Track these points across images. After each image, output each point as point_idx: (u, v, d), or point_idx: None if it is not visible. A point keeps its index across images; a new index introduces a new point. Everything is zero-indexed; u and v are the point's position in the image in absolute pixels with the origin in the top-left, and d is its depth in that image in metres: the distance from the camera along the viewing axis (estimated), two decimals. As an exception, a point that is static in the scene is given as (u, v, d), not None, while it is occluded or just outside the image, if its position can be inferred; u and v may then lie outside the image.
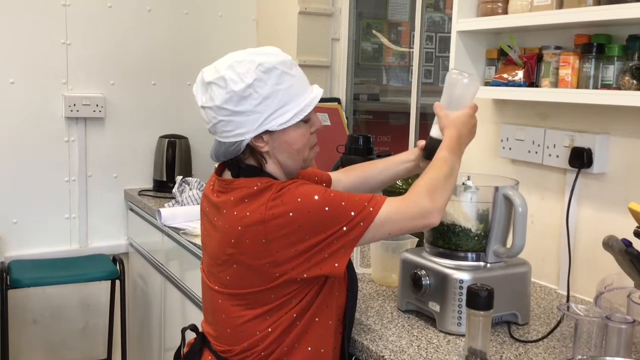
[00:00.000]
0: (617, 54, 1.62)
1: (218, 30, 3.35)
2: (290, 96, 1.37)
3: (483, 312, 1.32)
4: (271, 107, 1.35)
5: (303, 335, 1.38)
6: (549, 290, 1.88)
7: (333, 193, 1.34)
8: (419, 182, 1.38)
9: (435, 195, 1.35)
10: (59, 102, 3.02)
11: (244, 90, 1.34)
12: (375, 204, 1.33)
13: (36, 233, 3.03)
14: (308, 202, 1.31)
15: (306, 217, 1.30)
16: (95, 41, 3.07)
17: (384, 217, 1.32)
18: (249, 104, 1.35)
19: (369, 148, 2.45)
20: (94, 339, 3.21)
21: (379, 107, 3.50)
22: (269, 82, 1.35)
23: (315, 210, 1.30)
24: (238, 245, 1.35)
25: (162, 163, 3.16)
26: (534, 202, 1.87)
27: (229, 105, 1.35)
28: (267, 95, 1.35)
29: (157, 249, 2.86)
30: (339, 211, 1.31)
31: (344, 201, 1.32)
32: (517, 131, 1.97)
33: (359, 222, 1.31)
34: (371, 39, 3.48)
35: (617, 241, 1.27)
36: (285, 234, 1.30)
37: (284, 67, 1.37)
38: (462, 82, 1.51)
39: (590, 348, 1.32)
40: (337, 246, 1.31)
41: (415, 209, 1.34)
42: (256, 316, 1.38)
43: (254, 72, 1.34)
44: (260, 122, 1.36)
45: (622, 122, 1.72)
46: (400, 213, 1.34)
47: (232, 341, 1.42)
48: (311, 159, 1.48)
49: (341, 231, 1.30)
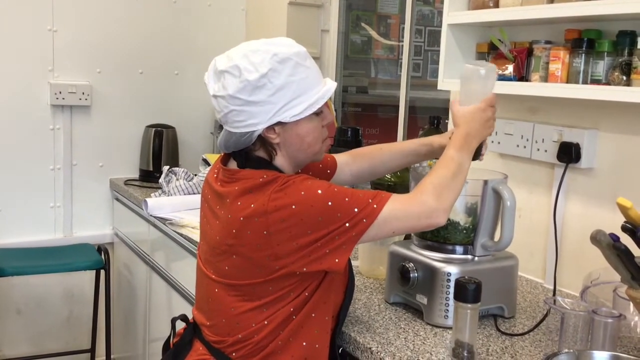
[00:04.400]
0: (607, 49, 1.63)
1: (207, 20, 3.32)
2: (304, 88, 1.35)
3: (470, 305, 1.33)
4: (285, 98, 1.33)
5: (299, 329, 1.37)
6: (535, 284, 1.89)
7: (337, 188, 1.33)
8: (425, 181, 1.36)
9: (442, 195, 1.33)
10: (45, 89, 2.98)
11: (258, 80, 1.32)
12: (379, 201, 1.31)
13: (20, 221, 3.00)
14: (311, 196, 1.30)
15: (309, 211, 1.28)
16: (82, 28, 3.03)
17: (388, 215, 1.31)
18: (262, 94, 1.32)
19: (358, 140, 2.45)
20: (78, 329, 3.19)
21: (368, 100, 3.49)
22: (283, 73, 1.33)
23: (318, 205, 1.29)
24: (239, 237, 1.34)
25: (148, 153, 3.13)
26: (522, 196, 1.88)
27: (243, 95, 1.33)
28: (281, 86, 1.33)
29: (142, 239, 2.84)
30: (342, 206, 1.29)
31: (347, 197, 1.31)
32: (506, 125, 1.97)
33: (362, 218, 1.29)
34: (360, 31, 3.47)
35: (605, 236, 1.28)
36: (287, 227, 1.29)
37: (299, 58, 1.35)
38: (478, 74, 1.44)
39: (576, 342, 1.33)
40: (339, 242, 1.30)
41: (421, 207, 1.33)
42: (253, 308, 1.36)
43: (269, 62, 1.32)
44: (273, 113, 1.34)
45: (611, 117, 1.73)
46: (405, 211, 1.33)
47: (226, 331, 1.40)
48: (322, 153, 1.47)
49: (344, 227, 1.29)
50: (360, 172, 1.73)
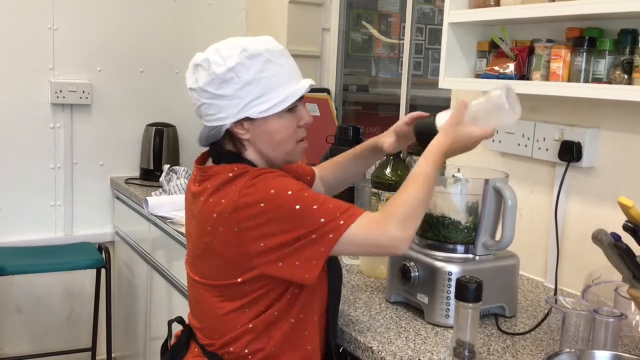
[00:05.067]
0: (608, 48, 1.62)
1: (207, 18, 3.32)
2: (273, 85, 1.35)
3: (472, 304, 1.32)
4: (252, 94, 1.34)
5: (288, 333, 1.37)
6: (537, 283, 1.89)
7: (308, 193, 1.30)
8: (397, 202, 1.31)
9: (407, 224, 1.29)
10: (45, 88, 2.98)
11: (225, 73, 1.33)
12: (348, 217, 1.28)
13: (21, 220, 3.00)
14: (280, 196, 1.28)
15: (277, 211, 1.27)
16: (82, 27, 3.03)
17: (352, 236, 1.27)
18: (230, 88, 1.34)
19: (359, 139, 2.45)
20: (78, 328, 3.19)
21: (368, 99, 3.49)
22: (252, 68, 1.33)
23: (286, 206, 1.27)
24: (213, 234, 1.34)
25: (149, 151, 3.13)
26: (523, 195, 1.87)
27: (211, 88, 1.35)
28: (249, 81, 1.33)
29: (143, 238, 2.83)
30: (310, 214, 1.27)
31: (317, 204, 1.28)
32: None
33: (329, 232, 1.26)
34: (361, 29, 3.46)
35: (607, 235, 1.28)
36: (256, 225, 1.28)
37: (270, 55, 1.35)
38: (504, 109, 1.35)
39: (578, 341, 1.32)
40: (309, 255, 1.27)
41: (383, 236, 1.28)
42: (235, 309, 1.36)
43: (238, 56, 1.33)
44: (240, 108, 1.35)
45: (613, 116, 1.72)
46: (367, 237, 1.29)
47: (215, 334, 1.40)
48: (297, 153, 1.45)
49: (310, 238, 1.26)
50: (329, 182, 1.74)
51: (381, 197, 2.17)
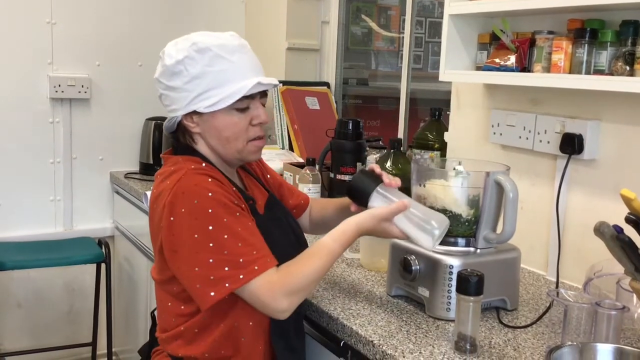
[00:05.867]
0: (610, 39, 1.61)
1: (206, 12, 3.30)
2: (221, 80, 1.35)
3: (473, 297, 1.32)
4: (200, 88, 1.35)
5: (220, 340, 1.39)
6: (538, 276, 1.88)
7: (241, 228, 1.30)
8: (296, 273, 1.32)
9: (297, 297, 1.32)
10: (44, 82, 2.97)
11: (174, 65, 1.36)
12: (262, 265, 1.30)
13: (20, 215, 3.00)
14: (200, 211, 1.29)
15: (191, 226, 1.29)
16: (80, 21, 3.02)
17: (252, 288, 1.29)
18: (179, 81, 1.37)
19: (359, 133, 2.44)
20: (79, 322, 3.19)
21: (368, 92, 3.48)
22: (200, 62, 1.35)
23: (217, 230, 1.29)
24: (150, 220, 1.41)
25: (148, 146, 3.12)
26: (524, 188, 1.86)
27: (163, 79, 1.39)
28: (197, 75, 1.35)
29: (143, 232, 2.83)
30: (233, 247, 1.29)
31: (240, 242, 1.30)
32: (508, 117, 1.96)
33: (239, 274, 1.28)
34: (360, 23, 3.45)
35: (609, 227, 1.27)
36: (172, 232, 1.32)
37: (222, 50, 1.36)
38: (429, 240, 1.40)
39: (579, 334, 1.32)
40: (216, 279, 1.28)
41: (272, 304, 1.30)
42: (173, 301, 1.41)
43: (187, 49, 1.36)
44: (188, 101, 1.37)
45: (614, 108, 1.71)
46: (260, 296, 1.30)
47: (161, 326, 1.48)
48: (250, 152, 1.45)
49: (223, 271, 1.28)
50: (314, 217, 1.74)
51: (381, 190, 2.17)
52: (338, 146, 2.40)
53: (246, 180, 1.57)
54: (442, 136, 2.26)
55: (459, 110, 2.20)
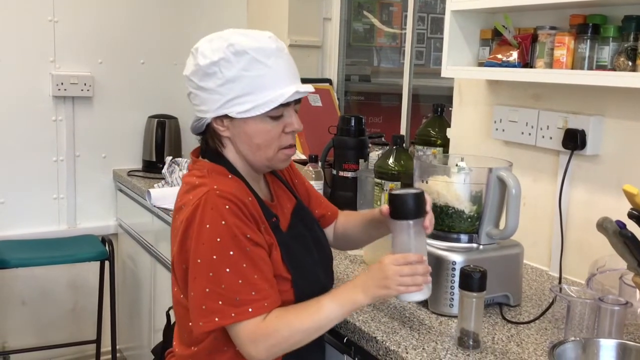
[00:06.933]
0: (612, 34, 1.61)
1: (208, 8, 3.30)
2: (257, 86, 1.28)
3: (476, 293, 1.32)
4: (233, 92, 1.29)
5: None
6: (541, 272, 1.88)
7: (246, 264, 1.25)
8: (287, 327, 1.25)
9: (278, 350, 1.27)
10: (47, 80, 2.97)
11: (208, 66, 1.29)
12: (257, 308, 1.24)
13: (24, 213, 3.00)
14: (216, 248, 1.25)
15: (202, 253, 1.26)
16: (82, 18, 3.02)
17: (240, 331, 1.24)
18: (212, 82, 1.30)
19: (361, 129, 2.44)
20: (83, 320, 3.19)
21: (371, 89, 3.48)
22: (236, 66, 1.28)
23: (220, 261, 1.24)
24: (173, 221, 1.38)
25: (151, 143, 3.13)
26: (526, 184, 1.86)
27: (195, 78, 1.33)
28: (232, 79, 1.28)
29: (146, 230, 2.83)
30: (232, 283, 1.24)
31: (240, 278, 1.24)
32: (510, 112, 1.96)
33: (231, 312, 1.24)
34: (362, 19, 3.45)
35: (611, 223, 1.27)
36: (186, 252, 1.30)
37: (259, 54, 1.28)
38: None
39: (582, 330, 1.32)
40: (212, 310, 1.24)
41: (251, 350, 1.25)
42: (184, 305, 1.36)
43: (223, 51, 1.28)
44: (220, 104, 1.30)
45: (617, 103, 1.71)
46: (243, 337, 1.25)
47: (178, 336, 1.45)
48: (280, 161, 1.39)
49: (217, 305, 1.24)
50: (338, 230, 1.63)
51: (384, 187, 2.17)
52: (340, 143, 2.40)
53: (273, 185, 1.51)
54: (444, 132, 2.26)
55: (462, 107, 2.20)
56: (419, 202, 1.32)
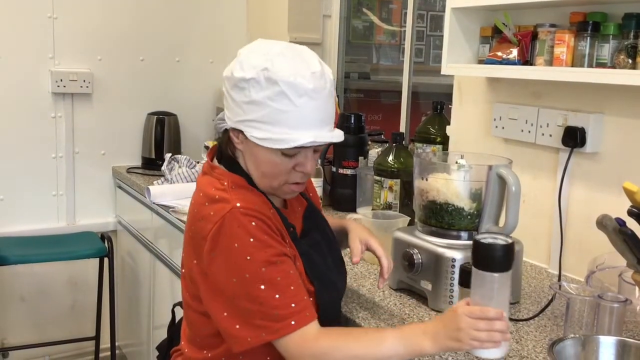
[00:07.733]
0: (612, 32, 1.61)
1: (207, 5, 3.29)
2: (276, 120, 1.23)
3: (476, 290, 1.32)
4: (254, 114, 1.25)
5: None
6: (540, 269, 1.89)
7: (280, 277, 1.22)
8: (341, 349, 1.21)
9: None
10: (46, 77, 2.97)
11: (239, 80, 1.25)
12: (299, 319, 1.21)
13: (23, 210, 3.00)
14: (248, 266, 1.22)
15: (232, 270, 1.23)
16: (82, 15, 3.01)
17: (285, 340, 1.21)
18: (239, 96, 1.26)
19: (361, 126, 2.44)
20: (82, 317, 3.19)
21: (370, 86, 3.48)
22: (264, 91, 1.23)
23: (253, 279, 1.21)
24: (189, 230, 1.34)
25: (150, 140, 3.13)
26: (526, 181, 1.86)
27: (227, 84, 1.30)
28: (256, 102, 1.24)
29: (146, 227, 2.83)
30: (269, 298, 1.21)
31: (278, 293, 1.21)
32: (510, 110, 1.96)
33: (277, 328, 1.21)
34: (362, 16, 3.45)
35: (611, 220, 1.27)
36: (210, 268, 1.26)
37: (290, 89, 1.22)
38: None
39: (582, 327, 1.32)
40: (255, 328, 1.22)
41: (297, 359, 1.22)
42: (201, 312, 1.34)
43: (256, 71, 1.23)
44: (240, 120, 1.28)
45: (617, 101, 1.71)
46: (290, 348, 1.22)
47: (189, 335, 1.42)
48: (285, 193, 1.36)
49: (256, 321, 1.22)
50: None
51: (383, 184, 2.17)
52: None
53: None
54: (444, 130, 2.26)
55: (461, 104, 2.20)
56: (509, 253, 1.17)
